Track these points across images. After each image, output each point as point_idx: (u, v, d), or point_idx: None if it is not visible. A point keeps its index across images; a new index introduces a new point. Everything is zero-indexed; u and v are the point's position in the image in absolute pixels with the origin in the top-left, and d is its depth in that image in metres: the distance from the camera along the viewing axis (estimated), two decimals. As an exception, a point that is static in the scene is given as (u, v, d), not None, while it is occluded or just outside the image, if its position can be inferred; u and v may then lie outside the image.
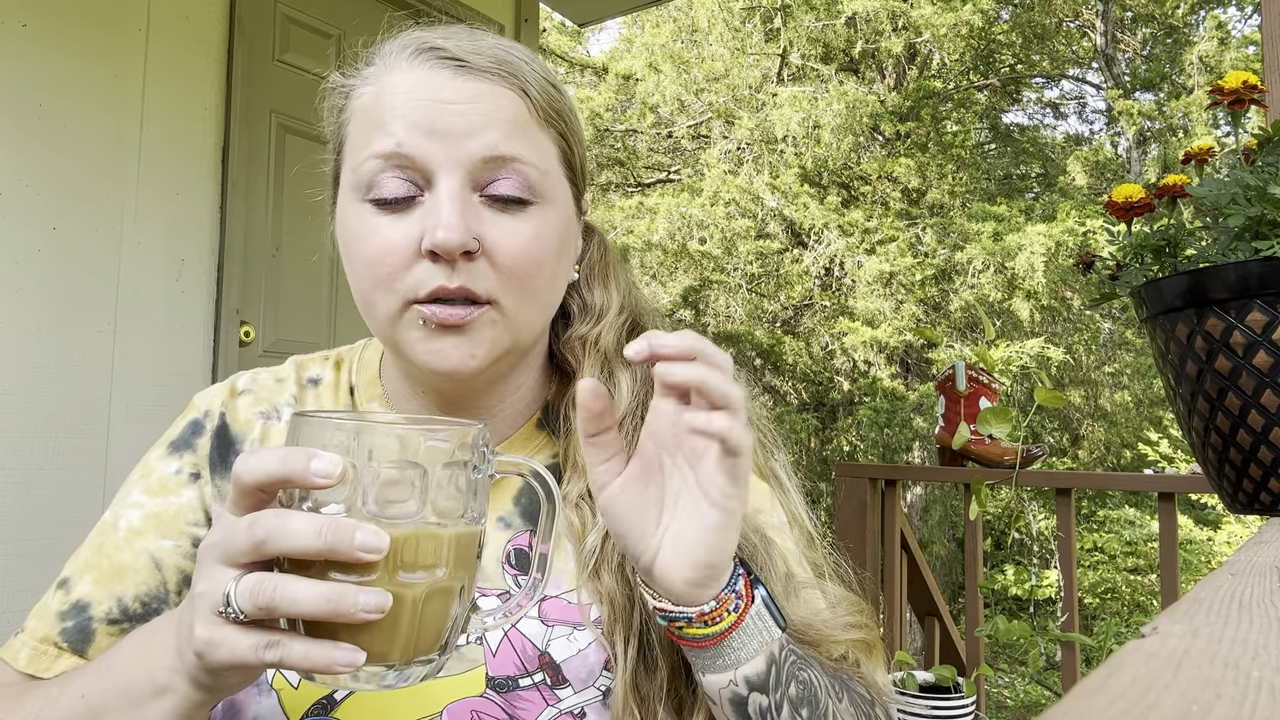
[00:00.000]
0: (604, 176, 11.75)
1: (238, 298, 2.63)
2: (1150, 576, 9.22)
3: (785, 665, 0.58)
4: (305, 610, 0.46)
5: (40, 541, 2.20)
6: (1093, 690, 0.23)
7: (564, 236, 0.71)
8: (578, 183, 0.75)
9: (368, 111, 0.67)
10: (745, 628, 0.56)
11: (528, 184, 0.66)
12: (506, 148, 0.65)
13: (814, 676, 0.61)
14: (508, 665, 0.67)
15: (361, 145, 0.67)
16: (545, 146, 0.69)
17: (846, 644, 0.68)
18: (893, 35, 10.12)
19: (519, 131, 0.66)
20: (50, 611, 0.69)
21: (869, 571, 2.58)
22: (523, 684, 0.67)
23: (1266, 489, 0.65)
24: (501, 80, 0.67)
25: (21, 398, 2.18)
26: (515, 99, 0.67)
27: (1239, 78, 0.73)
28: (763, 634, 0.57)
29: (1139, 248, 0.73)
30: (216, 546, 0.49)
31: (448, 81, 0.65)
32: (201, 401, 0.78)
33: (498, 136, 0.65)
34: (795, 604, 0.67)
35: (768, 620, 0.57)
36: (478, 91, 0.66)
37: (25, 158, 2.21)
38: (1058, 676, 7.24)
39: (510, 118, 0.66)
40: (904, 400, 9.30)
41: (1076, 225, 8.73)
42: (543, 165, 0.68)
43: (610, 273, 0.80)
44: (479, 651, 0.68)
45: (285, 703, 0.66)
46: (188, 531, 0.72)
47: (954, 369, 2.46)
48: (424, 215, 0.64)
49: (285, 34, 2.82)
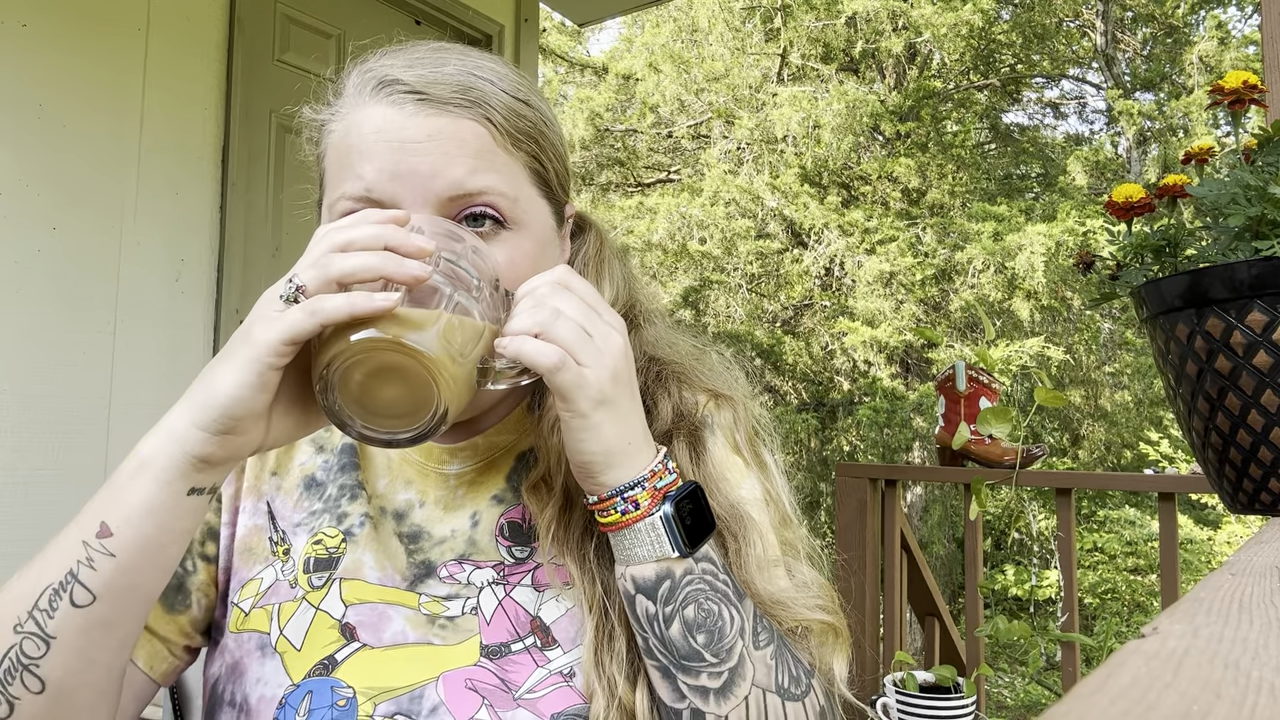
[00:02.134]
0: (604, 176, 11.75)
1: (238, 298, 2.63)
2: (1150, 576, 9.22)
3: (683, 585, 0.63)
4: (358, 265, 0.55)
5: (40, 541, 2.19)
6: (1093, 690, 0.23)
7: (539, 256, 0.72)
8: (555, 195, 0.76)
9: (338, 149, 0.70)
10: (634, 531, 0.63)
11: (497, 212, 0.68)
12: (472, 183, 0.67)
13: (729, 613, 0.64)
14: (501, 632, 0.69)
15: (335, 185, 0.70)
16: (514, 171, 0.70)
17: (810, 622, 0.70)
18: (893, 35, 10.12)
19: (484, 163, 0.68)
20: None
21: (869, 571, 2.58)
22: (514, 648, 0.69)
23: (1266, 489, 0.65)
24: (464, 111, 0.68)
25: (21, 398, 2.18)
26: (478, 129, 0.68)
27: (1239, 78, 0.73)
28: (652, 545, 0.63)
29: (1139, 248, 0.73)
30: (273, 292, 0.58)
31: (410, 119, 0.67)
32: None
33: (462, 173, 0.66)
34: (760, 578, 0.70)
35: (661, 536, 0.63)
36: (439, 127, 0.67)
37: (25, 158, 2.21)
38: (1058, 676, 7.23)
39: (474, 150, 0.67)
40: (904, 400, 9.30)
41: (1076, 225, 8.73)
42: (512, 192, 0.69)
43: (605, 267, 0.82)
44: (474, 623, 0.69)
45: (288, 664, 0.68)
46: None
47: (954, 369, 2.46)
48: None
49: (285, 34, 2.82)
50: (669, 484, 0.64)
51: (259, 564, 0.74)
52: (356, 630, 0.69)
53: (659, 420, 0.74)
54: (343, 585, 0.71)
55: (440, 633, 0.69)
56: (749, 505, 0.74)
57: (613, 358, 0.61)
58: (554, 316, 0.60)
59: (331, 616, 0.70)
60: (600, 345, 0.60)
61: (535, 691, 0.66)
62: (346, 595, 0.71)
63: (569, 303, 0.61)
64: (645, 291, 0.85)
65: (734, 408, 0.79)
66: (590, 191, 11.58)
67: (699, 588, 0.63)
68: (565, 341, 0.59)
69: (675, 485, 0.64)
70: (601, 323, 0.62)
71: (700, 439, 0.76)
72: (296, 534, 0.75)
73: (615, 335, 0.62)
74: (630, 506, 0.62)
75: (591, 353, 0.60)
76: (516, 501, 0.75)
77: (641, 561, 0.63)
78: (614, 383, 0.60)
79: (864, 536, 2.59)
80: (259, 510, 0.77)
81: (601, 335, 0.61)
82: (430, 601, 0.71)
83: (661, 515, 0.62)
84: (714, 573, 0.64)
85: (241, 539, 0.75)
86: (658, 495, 0.63)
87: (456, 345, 0.56)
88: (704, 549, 0.65)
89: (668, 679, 0.63)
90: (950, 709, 2.00)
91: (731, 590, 0.65)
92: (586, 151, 11.28)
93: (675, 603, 0.63)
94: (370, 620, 0.69)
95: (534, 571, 0.72)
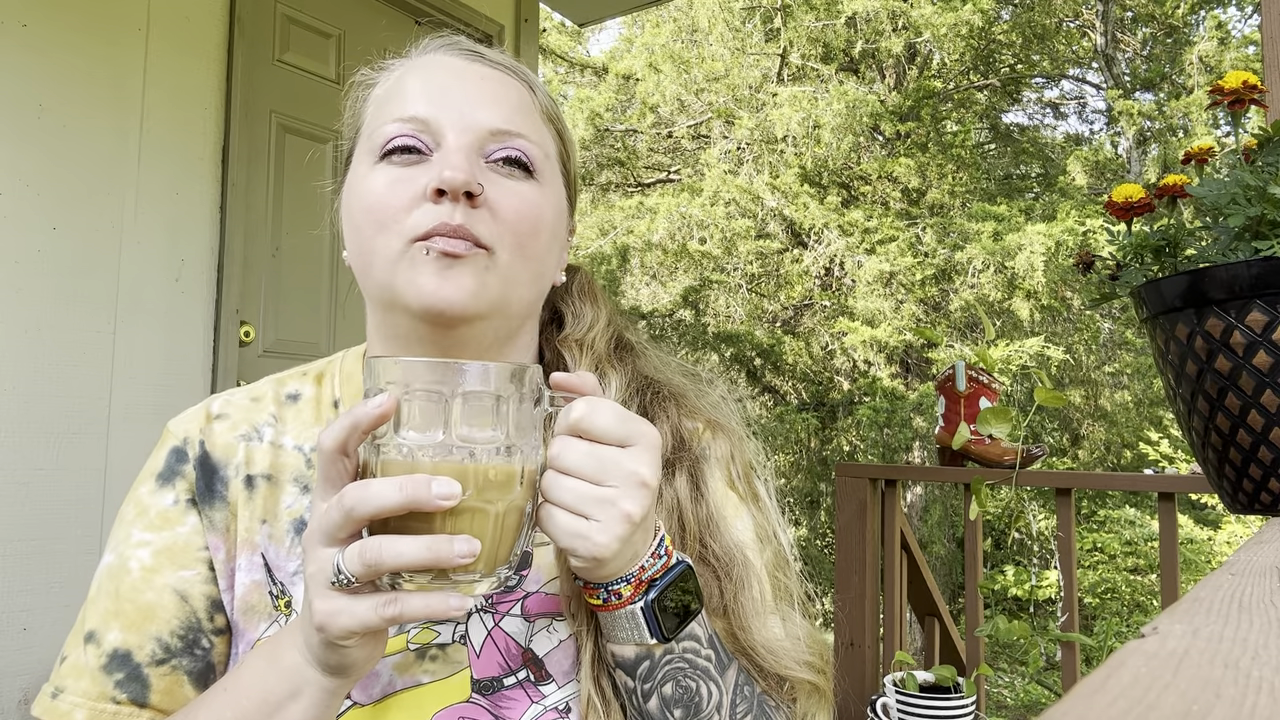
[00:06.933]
0: (604, 176, 11.75)
1: (238, 298, 2.63)
2: (1150, 576, 9.22)
3: (662, 666, 0.63)
4: (409, 562, 0.51)
5: (40, 541, 2.20)
6: (1093, 690, 0.23)
7: (557, 219, 0.74)
8: (571, 186, 0.79)
9: (390, 91, 0.73)
10: (615, 617, 0.62)
11: (529, 157, 0.71)
12: (512, 124, 0.71)
13: (707, 689, 0.64)
14: (492, 666, 0.68)
15: (380, 117, 0.72)
16: (546, 136, 0.75)
17: (796, 680, 0.70)
18: (893, 35, 10.12)
19: (524, 115, 0.73)
20: (90, 668, 0.68)
21: (869, 571, 2.58)
22: (507, 683, 0.68)
23: (1266, 489, 0.65)
24: (511, 73, 0.74)
25: (21, 398, 2.18)
26: (523, 90, 0.74)
27: (1239, 78, 0.73)
28: (630, 632, 0.62)
29: (1139, 248, 0.73)
30: (315, 532, 0.55)
31: (464, 64, 0.73)
32: (178, 428, 0.77)
33: (506, 112, 0.71)
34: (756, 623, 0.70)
35: (641, 625, 0.62)
36: (490, 75, 0.73)
37: (25, 158, 2.21)
38: (1058, 676, 7.23)
39: (517, 102, 0.73)
40: (904, 400, 9.29)
41: (1076, 225, 8.73)
42: (543, 148, 0.73)
43: (598, 296, 0.84)
44: (464, 654, 0.69)
45: None
46: (202, 557, 0.72)
47: (954, 369, 2.46)
48: (432, 165, 0.68)
49: (285, 34, 2.82)
50: (656, 571, 0.62)
51: (263, 621, 0.72)
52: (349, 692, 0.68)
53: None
54: None
55: (430, 666, 0.68)
56: (747, 548, 0.74)
57: (628, 518, 0.57)
58: (569, 495, 0.58)
59: None
60: (617, 507, 0.57)
61: None
62: None
63: (582, 461, 0.58)
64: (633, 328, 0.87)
65: (730, 439, 0.80)
66: (590, 191, 11.58)
67: (678, 666, 0.64)
68: (575, 509, 0.57)
69: (664, 570, 0.62)
70: (622, 472, 0.57)
71: (700, 473, 0.76)
72: (294, 583, 0.72)
73: (636, 492, 0.57)
74: (613, 597, 0.61)
75: (606, 519, 0.57)
76: None
77: (622, 643, 0.63)
78: (624, 542, 0.57)
79: (864, 536, 2.59)
80: (254, 565, 0.73)
81: (620, 491, 0.57)
82: (420, 631, 0.69)
83: (643, 606, 0.61)
84: (695, 650, 0.64)
85: (242, 598, 0.72)
86: (642, 585, 0.61)
87: (505, 534, 0.55)
88: (689, 628, 0.64)
89: None
90: (950, 709, 2.00)
91: (714, 664, 0.65)
92: (586, 151, 11.28)
93: (654, 680, 0.63)
94: (362, 682, 0.68)
95: (523, 601, 0.71)
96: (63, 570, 2.23)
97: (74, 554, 2.25)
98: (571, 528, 0.57)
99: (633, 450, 0.58)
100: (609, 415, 0.58)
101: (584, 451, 0.57)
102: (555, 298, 0.83)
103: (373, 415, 0.53)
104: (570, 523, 0.57)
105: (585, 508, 0.57)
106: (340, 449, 0.54)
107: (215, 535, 0.73)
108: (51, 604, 2.21)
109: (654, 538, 0.62)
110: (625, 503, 0.57)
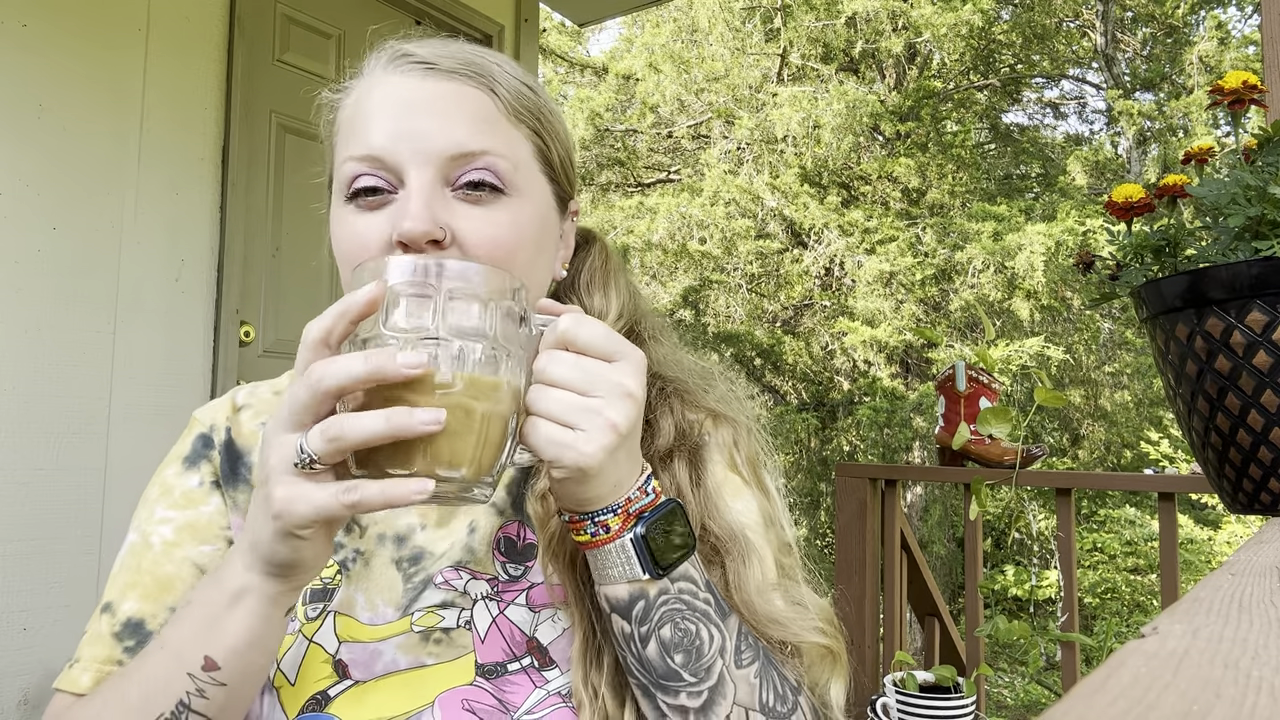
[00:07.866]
0: (604, 176, 11.75)
1: (238, 298, 2.63)
2: (1150, 576, 9.22)
3: (658, 606, 0.62)
4: (371, 432, 0.50)
5: (40, 541, 2.20)
6: (1093, 690, 0.23)
7: (541, 230, 0.72)
8: (559, 181, 0.76)
9: (350, 120, 0.71)
10: (604, 552, 0.61)
11: (497, 174, 0.68)
12: (473, 143, 0.68)
13: (708, 632, 0.63)
14: (496, 651, 0.69)
15: (342, 153, 0.71)
16: (515, 141, 0.71)
17: (808, 644, 0.69)
18: (893, 35, 10.12)
19: (486, 127, 0.69)
20: (103, 635, 0.69)
21: (869, 571, 2.58)
22: (511, 668, 0.68)
23: (1266, 489, 0.65)
24: (468, 80, 0.70)
25: (21, 398, 2.18)
26: (481, 96, 0.70)
27: (1239, 78, 0.73)
28: (622, 568, 0.61)
29: (1139, 248, 0.73)
30: (278, 417, 0.54)
31: (416, 84, 0.69)
32: (205, 416, 0.79)
33: (464, 133, 0.68)
34: (759, 600, 0.69)
35: (631, 558, 0.61)
36: (444, 92, 0.69)
37: (25, 158, 2.21)
38: (1058, 676, 7.23)
39: (476, 114, 0.69)
40: (904, 400, 9.30)
41: (1076, 225, 8.73)
42: (513, 158, 0.70)
43: (610, 279, 0.82)
44: (468, 638, 0.69)
45: (284, 700, 0.67)
46: (224, 535, 0.74)
47: (954, 369, 2.46)
48: (395, 210, 0.67)
49: (285, 34, 2.82)
50: (644, 505, 0.61)
51: None
52: (349, 668, 0.68)
53: (661, 437, 0.74)
54: (337, 619, 0.71)
55: (435, 649, 0.69)
56: (749, 529, 0.73)
57: (614, 427, 0.57)
58: (555, 402, 0.57)
59: (325, 650, 0.69)
60: (603, 416, 0.56)
61: (534, 712, 0.66)
62: (340, 631, 0.70)
63: (568, 372, 0.57)
64: (645, 300, 0.85)
65: (734, 428, 0.79)
66: (590, 191, 11.58)
67: (675, 608, 0.62)
68: (561, 419, 0.56)
69: (651, 506, 0.62)
70: (608, 383, 0.57)
71: (700, 459, 0.75)
72: None
73: (622, 402, 0.57)
74: (600, 530, 0.61)
75: (591, 428, 0.56)
76: (515, 515, 0.75)
77: (614, 582, 0.62)
78: (610, 454, 0.57)
79: (864, 536, 2.60)
80: None
81: (606, 401, 0.57)
82: (425, 615, 0.70)
83: (632, 538, 0.61)
84: (693, 591, 0.63)
85: None
86: (630, 518, 0.61)
87: (489, 441, 0.54)
88: (682, 568, 0.63)
89: (648, 698, 0.63)
90: (950, 709, 2.00)
91: (713, 608, 0.64)
92: (586, 151, 11.28)
93: (651, 623, 0.62)
94: (362, 659, 0.69)
95: (528, 591, 0.71)
96: (62, 570, 2.23)
97: (74, 554, 2.25)
98: (557, 437, 0.56)
99: (619, 364, 0.58)
100: (595, 329, 0.58)
101: (570, 363, 0.57)
102: (562, 291, 0.82)
103: (361, 303, 0.52)
104: (555, 432, 0.56)
105: (571, 417, 0.56)
106: (324, 339, 0.53)
107: (238, 515, 0.75)
108: (51, 604, 2.21)
109: (641, 473, 0.62)
110: (611, 412, 0.56)
